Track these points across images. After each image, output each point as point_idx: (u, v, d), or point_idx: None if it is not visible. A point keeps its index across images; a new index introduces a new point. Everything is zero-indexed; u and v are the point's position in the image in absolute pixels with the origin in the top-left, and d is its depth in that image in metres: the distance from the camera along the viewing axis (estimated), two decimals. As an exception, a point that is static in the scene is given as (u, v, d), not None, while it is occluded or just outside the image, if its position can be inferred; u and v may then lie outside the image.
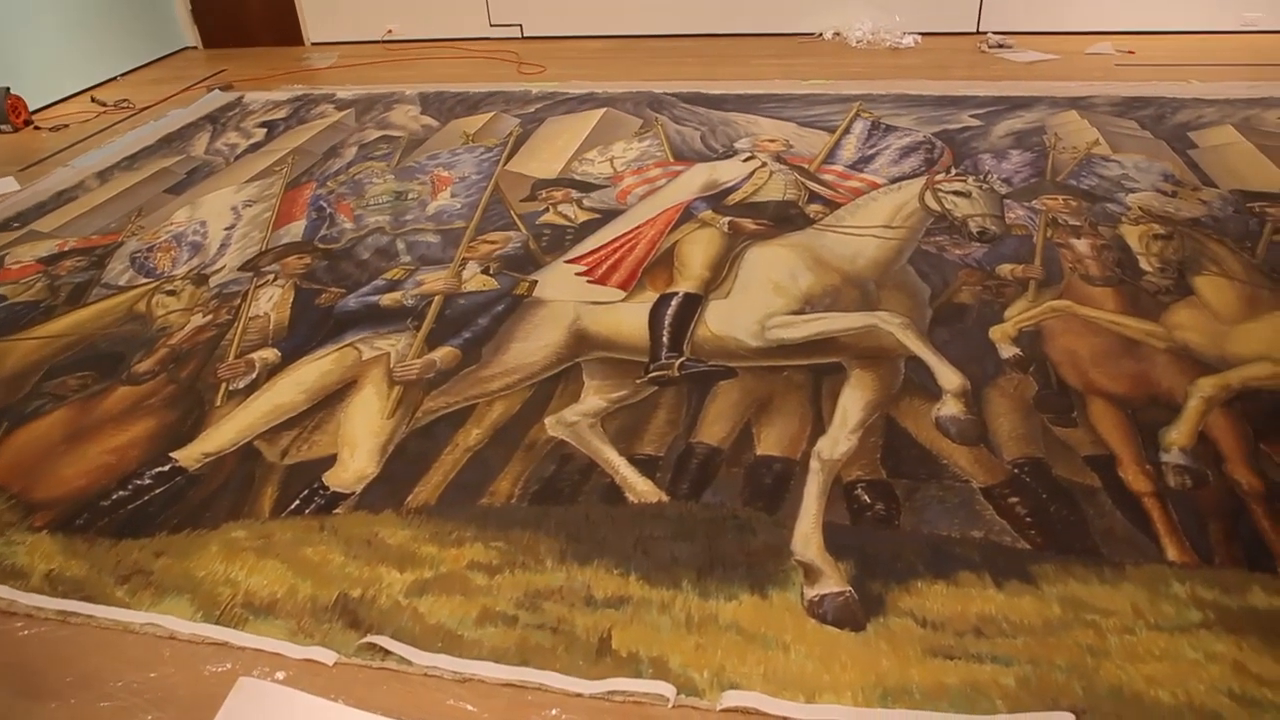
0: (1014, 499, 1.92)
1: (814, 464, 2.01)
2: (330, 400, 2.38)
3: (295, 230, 3.37)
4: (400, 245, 3.18)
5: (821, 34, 5.66)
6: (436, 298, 2.77)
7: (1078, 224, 3.00)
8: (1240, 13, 5.23)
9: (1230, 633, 1.59)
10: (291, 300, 2.86)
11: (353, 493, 2.06)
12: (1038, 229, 2.99)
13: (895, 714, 1.47)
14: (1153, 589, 1.69)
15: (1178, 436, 2.06)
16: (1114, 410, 2.16)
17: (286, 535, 1.95)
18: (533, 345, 2.51)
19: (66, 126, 4.86)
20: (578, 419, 2.21)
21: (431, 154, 3.99)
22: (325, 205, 3.56)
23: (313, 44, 6.22)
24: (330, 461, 2.16)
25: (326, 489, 2.08)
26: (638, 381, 2.33)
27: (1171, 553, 1.77)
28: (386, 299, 2.81)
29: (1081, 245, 2.87)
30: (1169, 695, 1.48)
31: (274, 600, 1.77)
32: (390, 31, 6.08)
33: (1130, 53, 5.05)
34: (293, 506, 2.04)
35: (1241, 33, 5.23)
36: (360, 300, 2.83)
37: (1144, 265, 2.75)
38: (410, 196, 3.58)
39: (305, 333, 2.68)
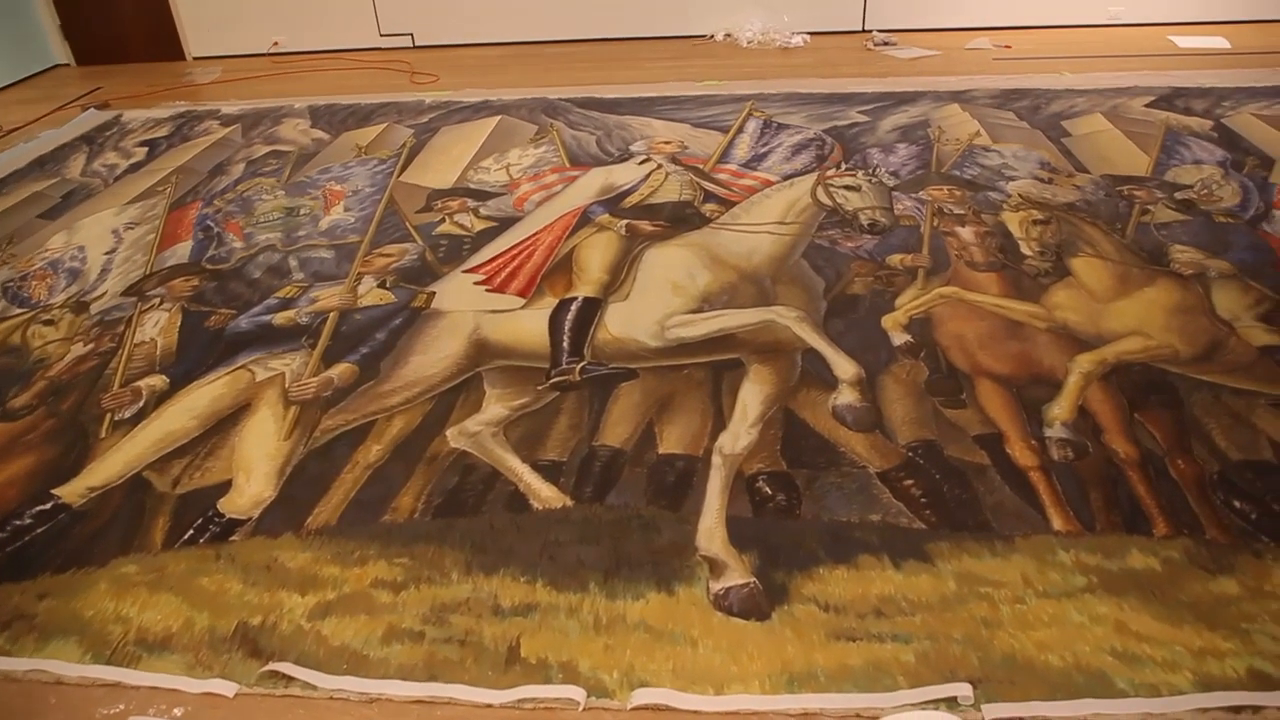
0: (909, 481, 1.98)
1: (716, 459, 2.03)
2: (223, 425, 2.30)
3: (181, 251, 3.26)
4: (293, 262, 3.11)
5: (713, 36, 5.74)
6: (332, 314, 2.71)
7: (962, 213, 3.11)
8: (1106, 7, 5.50)
9: (1112, 595, 1.67)
10: (179, 324, 2.76)
11: (249, 518, 2.00)
12: (924, 219, 3.09)
13: (801, 698, 1.50)
14: (1040, 559, 1.76)
15: (1059, 412, 2.16)
16: (1000, 390, 2.25)
17: (181, 566, 1.88)
18: (432, 357, 2.47)
19: (-72, 153, 4.59)
20: (480, 429, 2.19)
21: (323, 168, 3.91)
22: (212, 224, 3.45)
23: (195, 59, 6.02)
24: (225, 488, 2.10)
25: (222, 516, 2.01)
26: (539, 388, 2.32)
27: (1057, 523, 1.85)
28: (280, 318, 2.74)
29: (966, 233, 2.97)
30: (1058, 658, 1.55)
31: (169, 635, 1.71)
32: (277, 44, 5.92)
33: (1007, 47, 5.25)
34: (186, 536, 1.97)
35: (1107, 26, 5.50)
36: (252, 320, 2.75)
37: (1024, 250, 2.86)
38: (302, 212, 3.49)
39: (195, 357, 2.59)
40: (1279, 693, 1.46)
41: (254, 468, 2.15)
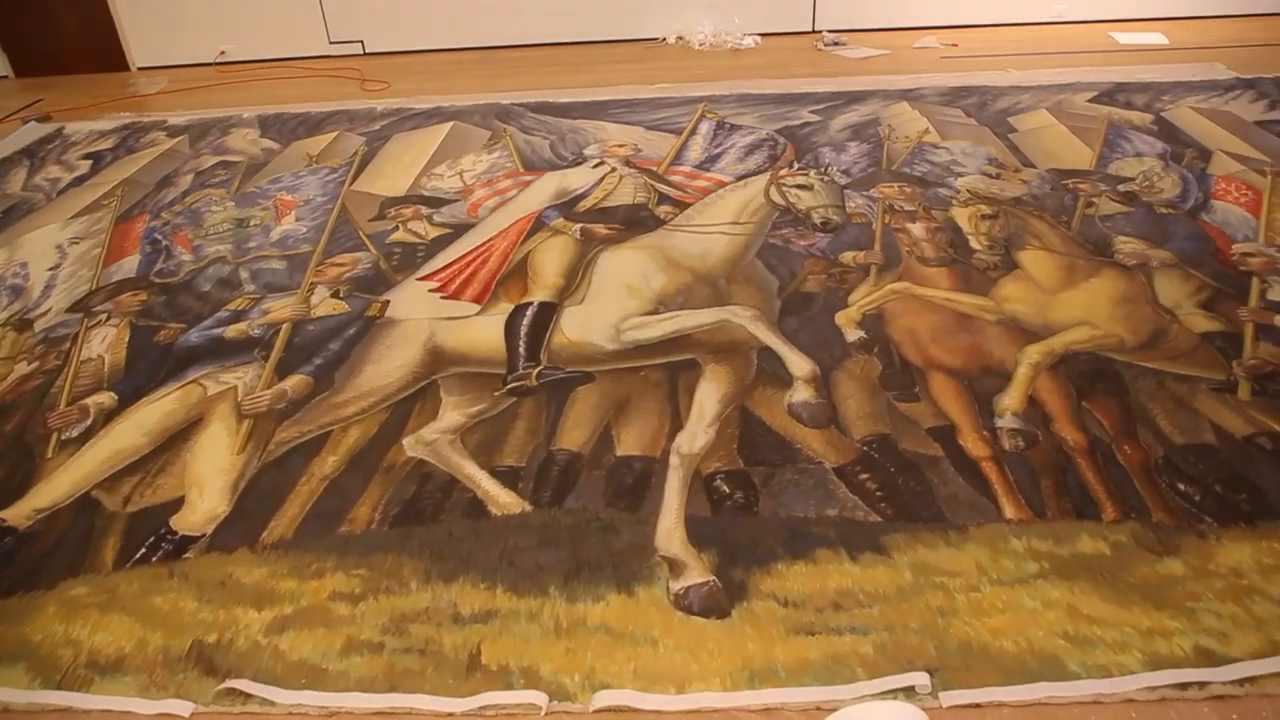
0: (864, 475, 2.00)
1: (673, 460, 2.04)
2: (175, 441, 2.27)
3: (129, 266, 3.20)
4: (244, 274, 3.07)
5: (665, 38, 5.76)
6: (285, 325, 2.68)
7: (912, 209, 3.15)
8: (1049, 5, 5.60)
9: (1063, 580, 1.70)
10: (127, 340, 2.71)
11: (203, 534, 1.97)
12: (876, 216, 3.13)
13: (762, 694, 1.51)
14: (994, 547, 1.80)
15: (1010, 402, 2.19)
16: (952, 382, 2.28)
17: (133, 586, 1.85)
18: (387, 366, 2.46)
19: None
20: (436, 437, 2.18)
21: (273, 178, 3.86)
22: (160, 237, 3.39)
23: (139, 69, 5.91)
24: (177, 505, 2.06)
25: (174, 533, 1.98)
26: (496, 394, 2.31)
27: (1009, 511, 1.89)
28: (231, 330, 2.71)
29: (917, 229, 3.01)
30: (1012, 644, 1.58)
31: (121, 656, 1.68)
32: (223, 53, 5.84)
33: (954, 45, 5.33)
34: (138, 555, 1.93)
35: (1051, 23, 5.60)
36: (203, 334, 2.71)
37: (974, 244, 2.91)
38: (252, 223, 3.45)
39: (144, 372, 2.55)
40: (1224, 668, 1.50)
41: (207, 483, 2.11)
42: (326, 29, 5.82)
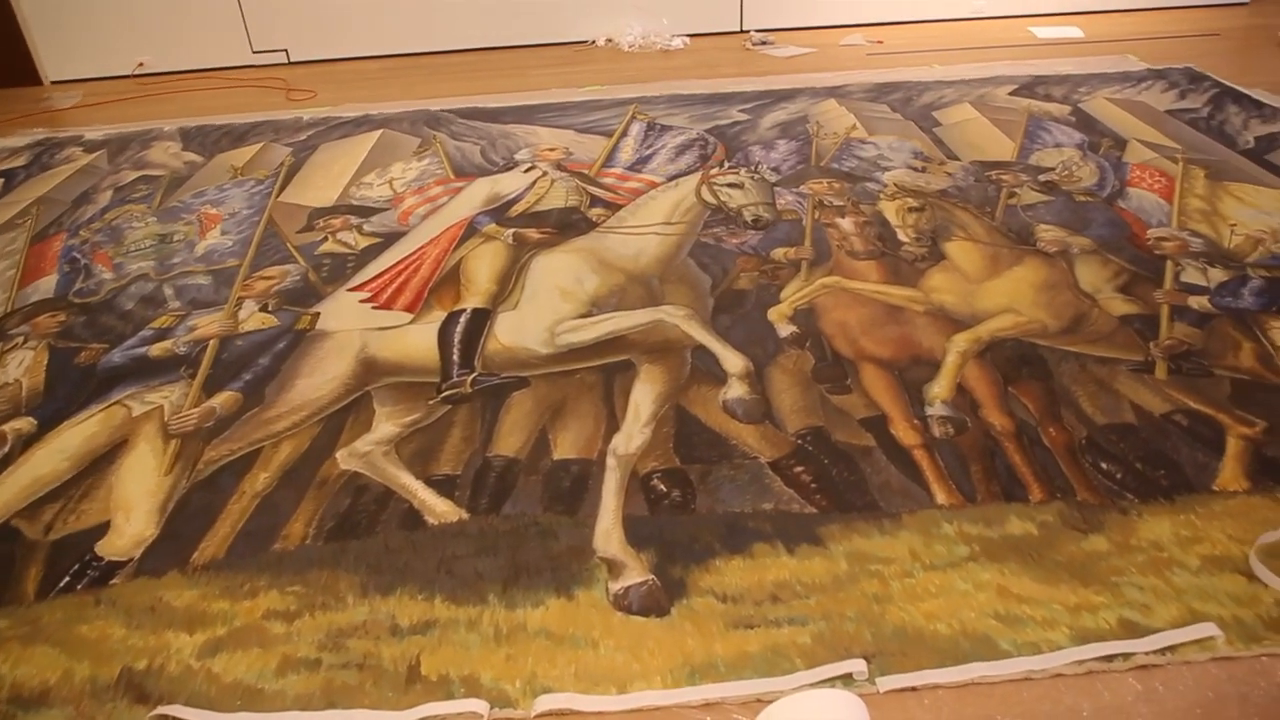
0: (799, 468, 2.02)
1: (610, 461, 2.04)
2: (99, 464, 2.20)
3: (45, 286, 3.10)
4: (168, 290, 2.99)
5: (594, 41, 5.76)
6: (212, 341, 2.62)
7: (841, 204, 3.20)
8: (970, 1, 5.73)
9: (993, 561, 1.74)
10: (46, 362, 2.63)
11: (130, 559, 1.92)
12: (806, 212, 3.17)
13: (703, 689, 1.52)
14: (926, 533, 1.83)
15: (939, 390, 2.24)
16: (883, 373, 2.32)
17: (57, 616, 1.79)
18: (319, 379, 2.42)
19: None
20: (370, 448, 2.15)
21: (197, 191, 3.77)
22: (79, 256, 3.29)
23: (53, 83, 5.73)
24: (103, 530, 2.00)
25: (100, 559, 1.93)
26: (430, 403, 2.29)
27: (940, 497, 1.93)
28: (156, 349, 2.64)
29: (846, 224, 3.06)
30: (945, 627, 1.61)
31: (46, 689, 1.62)
32: (142, 64, 5.68)
33: (879, 42, 5.43)
34: (63, 584, 1.87)
35: (972, 19, 5.74)
36: (126, 354, 2.64)
37: (901, 236, 2.96)
38: (176, 238, 3.37)
39: (65, 395, 2.47)
40: (1147, 639, 1.55)
41: (134, 506, 2.06)
42: (249, 38, 5.70)
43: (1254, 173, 3.32)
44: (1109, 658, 1.53)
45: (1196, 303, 2.53)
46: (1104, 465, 1.99)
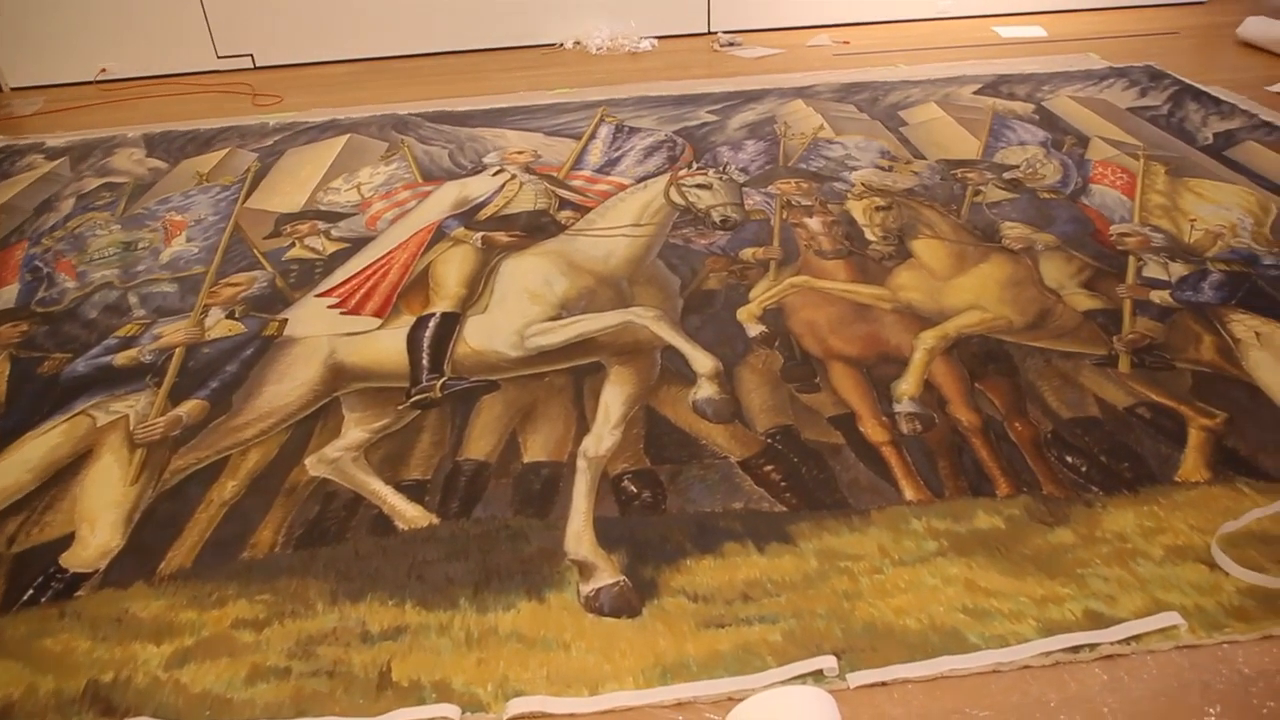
0: (769, 467, 2.03)
1: (580, 463, 2.04)
2: (63, 475, 2.17)
3: (7, 296, 3.06)
4: (133, 299, 2.96)
5: (563, 44, 5.76)
6: (178, 349, 2.59)
7: (809, 204, 3.22)
8: (934, 1, 5.79)
9: (961, 555, 1.76)
10: (8, 373, 2.59)
11: (96, 570, 1.89)
12: (774, 212, 3.18)
13: (674, 689, 1.52)
14: (895, 529, 1.84)
15: (907, 387, 2.26)
16: (851, 371, 2.34)
17: (20, 630, 1.77)
18: (287, 386, 2.40)
19: None
20: (339, 454, 2.14)
21: (162, 198, 3.73)
22: (41, 265, 3.25)
23: (12, 89, 5.64)
24: (67, 542, 1.97)
25: (65, 572, 1.90)
26: (400, 408, 2.28)
27: (909, 493, 1.94)
28: (121, 358, 2.61)
29: (814, 223, 3.08)
30: (915, 621, 1.62)
31: (9, 705, 1.60)
32: (104, 70, 5.61)
33: (846, 43, 5.46)
34: (26, 598, 1.84)
35: (937, 19, 5.79)
36: (90, 363, 2.61)
37: (869, 235, 2.99)
38: (141, 246, 3.33)
39: (27, 406, 2.43)
40: (1112, 629, 1.57)
41: (99, 517, 2.03)
42: (214, 43, 5.65)
43: (1213, 168, 3.37)
44: (1075, 648, 1.55)
45: (1158, 297, 2.57)
46: (1069, 459, 2.01)
